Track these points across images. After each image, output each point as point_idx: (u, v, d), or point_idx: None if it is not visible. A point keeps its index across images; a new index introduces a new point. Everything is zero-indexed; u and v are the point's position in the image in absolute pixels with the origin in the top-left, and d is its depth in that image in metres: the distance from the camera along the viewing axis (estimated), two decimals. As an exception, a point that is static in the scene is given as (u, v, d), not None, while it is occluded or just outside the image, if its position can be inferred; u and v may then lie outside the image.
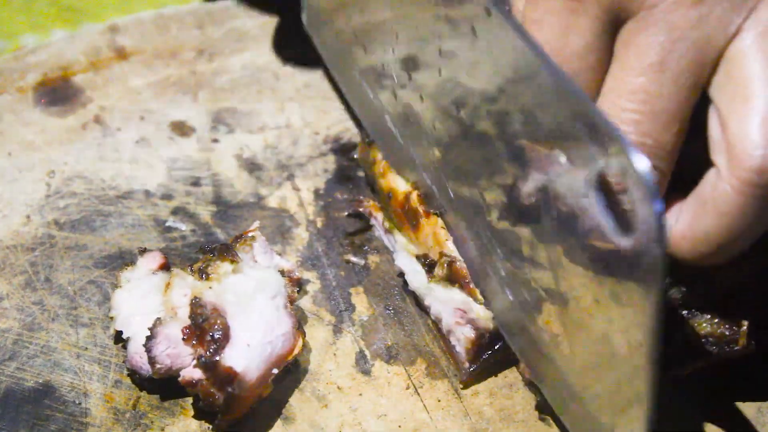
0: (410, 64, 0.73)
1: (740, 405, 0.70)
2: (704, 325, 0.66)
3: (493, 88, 0.61)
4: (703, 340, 0.66)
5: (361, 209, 0.83)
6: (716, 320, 0.66)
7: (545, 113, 0.56)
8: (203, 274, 0.69)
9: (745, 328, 0.66)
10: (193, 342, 0.66)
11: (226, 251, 0.71)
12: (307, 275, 0.79)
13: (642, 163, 0.48)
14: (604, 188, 0.53)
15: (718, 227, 0.58)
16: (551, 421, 0.68)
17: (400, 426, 0.68)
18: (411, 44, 0.72)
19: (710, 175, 0.59)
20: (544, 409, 0.69)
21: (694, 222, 0.60)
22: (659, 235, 0.48)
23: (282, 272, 0.73)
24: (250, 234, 0.74)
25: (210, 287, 0.68)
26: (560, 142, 0.55)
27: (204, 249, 0.72)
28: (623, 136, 0.50)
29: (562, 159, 0.56)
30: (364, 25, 0.81)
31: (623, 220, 0.52)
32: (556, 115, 0.55)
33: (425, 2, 0.67)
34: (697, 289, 0.66)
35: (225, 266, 0.70)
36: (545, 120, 0.56)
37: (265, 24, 1.05)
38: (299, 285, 0.76)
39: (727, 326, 0.66)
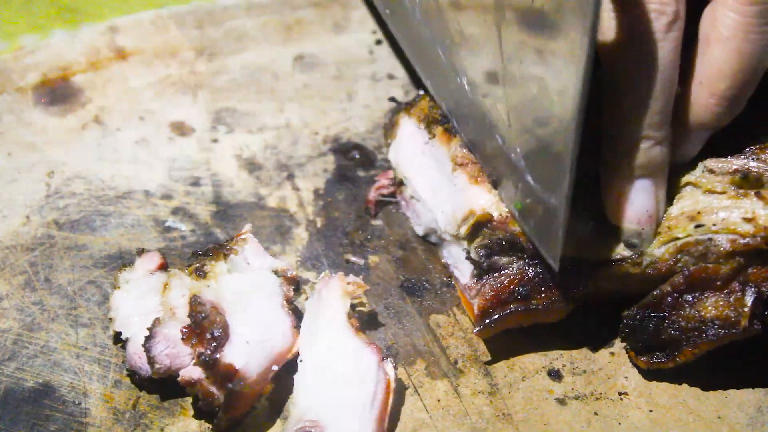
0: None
1: (740, 402, 0.70)
2: (710, 308, 0.66)
3: None
4: (708, 324, 0.66)
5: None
6: (721, 303, 0.66)
7: None
8: (200, 272, 0.69)
9: (747, 308, 0.65)
10: (193, 341, 0.66)
11: (220, 248, 0.72)
12: (307, 275, 0.79)
13: None
14: None
15: (727, 55, 0.61)
16: (551, 422, 0.68)
17: (399, 425, 0.68)
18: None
19: (706, 13, 0.62)
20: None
21: (704, 64, 0.62)
22: None
23: (277, 272, 0.73)
24: (241, 236, 0.74)
25: (208, 285, 0.68)
26: None
27: (197, 253, 0.72)
28: None
29: None
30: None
31: None
32: None
33: None
34: (700, 270, 0.66)
35: (221, 265, 0.70)
36: None
37: (265, 24, 1.05)
38: (296, 284, 0.76)
39: (732, 308, 0.66)
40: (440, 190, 0.77)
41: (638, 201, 0.66)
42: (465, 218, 0.72)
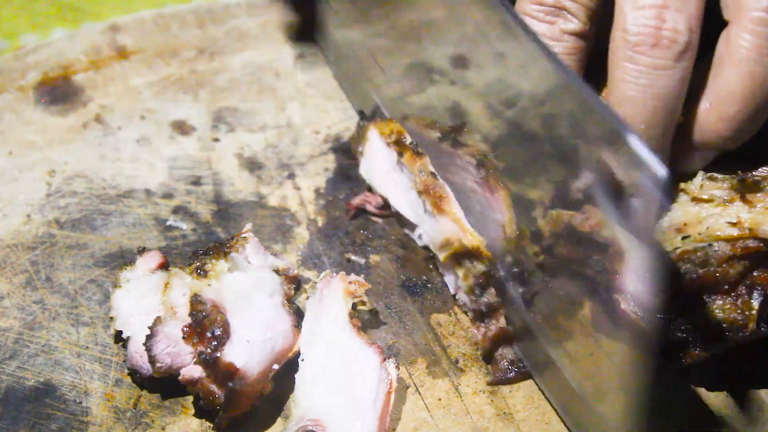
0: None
1: (741, 403, 0.70)
2: (717, 311, 0.66)
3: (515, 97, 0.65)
4: (716, 326, 0.66)
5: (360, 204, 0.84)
6: (728, 306, 0.66)
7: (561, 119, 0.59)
8: (201, 271, 0.69)
9: (755, 311, 0.65)
10: (194, 340, 0.66)
11: (221, 247, 0.72)
12: (308, 274, 0.79)
13: (635, 140, 0.51)
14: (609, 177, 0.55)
15: (739, 78, 0.59)
16: (552, 421, 0.68)
17: (400, 424, 0.68)
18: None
19: (722, 36, 0.60)
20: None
21: (716, 86, 0.61)
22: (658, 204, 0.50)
23: (277, 271, 0.73)
24: (242, 235, 0.74)
25: (209, 284, 0.68)
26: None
27: (197, 252, 0.72)
28: (621, 118, 0.52)
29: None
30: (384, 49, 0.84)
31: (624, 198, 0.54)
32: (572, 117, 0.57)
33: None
34: (709, 274, 0.66)
35: (221, 264, 0.70)
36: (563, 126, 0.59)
37: (266, 23, 1.05)
38: (297, 283, 0.76)
39: (739, 311, 0.66)
40: (418, 207, 0.77)
41: None
42: (443, 245, 0.74)
